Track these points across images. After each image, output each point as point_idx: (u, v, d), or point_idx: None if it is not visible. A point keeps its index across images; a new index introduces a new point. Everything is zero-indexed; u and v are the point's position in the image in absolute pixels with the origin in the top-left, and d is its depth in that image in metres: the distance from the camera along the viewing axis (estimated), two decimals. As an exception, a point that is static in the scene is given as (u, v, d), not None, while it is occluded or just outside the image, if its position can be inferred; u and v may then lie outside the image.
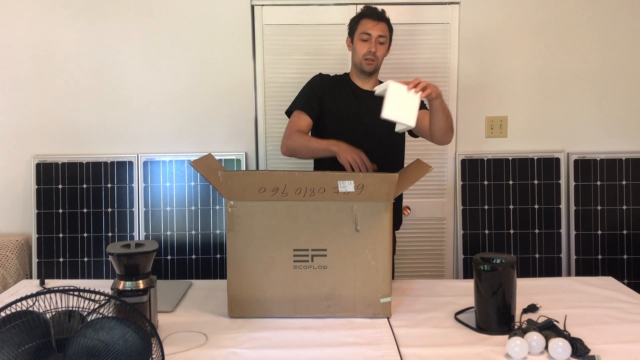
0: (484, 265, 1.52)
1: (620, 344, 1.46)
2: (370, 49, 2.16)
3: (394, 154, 2.29)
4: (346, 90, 2.25)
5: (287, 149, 2.12)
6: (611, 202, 2.97)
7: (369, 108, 2.20)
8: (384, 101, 1.80)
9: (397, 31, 2.95)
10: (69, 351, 1.08)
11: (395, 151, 2.29)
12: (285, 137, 2.14)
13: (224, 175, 1.58)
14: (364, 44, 2.17)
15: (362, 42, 2.18)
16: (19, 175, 2.99)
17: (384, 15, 2.22)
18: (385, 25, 2.21)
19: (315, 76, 2.30)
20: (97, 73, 2.95)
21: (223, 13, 2.93)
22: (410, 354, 1.42)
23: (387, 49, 2.24)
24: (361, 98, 2.23)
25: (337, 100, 2.22)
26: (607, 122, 3.05)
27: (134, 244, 1.53)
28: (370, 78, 2.25)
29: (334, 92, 2.23)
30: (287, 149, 2.12)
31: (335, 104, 2.21)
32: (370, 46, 2.16)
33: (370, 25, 2.17)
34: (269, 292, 1.64)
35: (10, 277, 2.75)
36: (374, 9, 2.22)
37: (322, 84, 2.25)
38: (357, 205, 1.61)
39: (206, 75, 2.97)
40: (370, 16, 2.19)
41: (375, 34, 2.17)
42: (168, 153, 2.97)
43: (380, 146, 2.20)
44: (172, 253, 2.93)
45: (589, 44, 3.00)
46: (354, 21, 2.25)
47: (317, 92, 2.23)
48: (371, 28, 2.17)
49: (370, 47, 2.16)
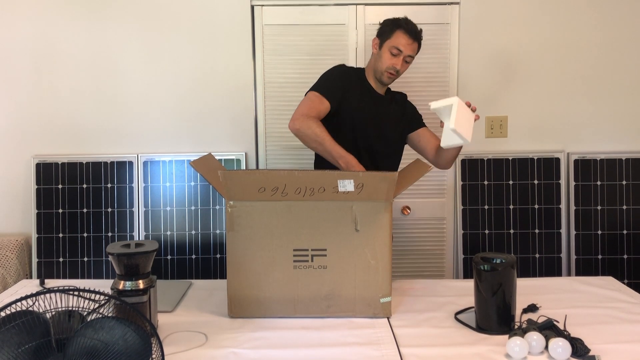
0: (484, 265, 1.52)
1: (620, 344, 1.46)
2: (396, 65, 2.13)
3: (396, 160, 2.30)
4: (364, 90, 2.21)
5: (299, 131, 1.98)
6: (611, 202, 2.97)
7: (384, 112, 2.21)
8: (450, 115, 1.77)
9: (397, 31, 2.95)
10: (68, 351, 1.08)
11: (397, 158, 2.30)
12: (302, 118, 1.99)
13: (223, 174, 1.58)
14: (392, 57, 2.13)
15: (391, 55, 2.13)
16: (19, 175, 2.99)
17: (420, 35, 2.18)
18: (417, 45, 2.18)
19: (340, 66, 2.24)
20: (97, 73, 2.95)
21: (223, 13, 2.93)
22: (410, 354, 1.42)
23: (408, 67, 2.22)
24: (378, 101, 2.22)
25: (357, 99, 2.17)
26: (607, 122, 3.05)
27: (134, 244, 1.53)
28: (384, 86, 2.25)
29: (356, 89, 2.19)
30: (299, 131, 1.98)
31: (355, 102, 2.17)
32: (397, 62, 2.13)
33: (405, 42, 2.13)
34: (269, 292, 1.64)
35: (10, 277, 2.75)
36: (413, 26, 2.16)
37: (348, 77, 2.19)
38: (357, 205, 1.61)
39: (206, 75, 2.97)
40: (408, 32, 2.14)
41: (406, 52, 2.13)
42: (168, 153, 2.97)
43: (388, 150, 2.22)
44: (172, 253, 2.93)
45: (589, 44, 3.00)
46: (389, 28, 2.17)
47: (342, 83, 2.16)
48: (404, 45, 2.13)
49: (396, 64, 2.13)
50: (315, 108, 2.05)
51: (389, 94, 2.30)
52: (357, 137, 2.16)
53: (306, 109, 2.03)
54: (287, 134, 2.98)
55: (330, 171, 1.57)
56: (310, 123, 1.97)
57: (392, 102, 2.27)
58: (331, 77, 2.18)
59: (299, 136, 2.00)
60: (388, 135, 2.21)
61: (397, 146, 2.28)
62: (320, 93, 2.09)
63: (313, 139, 1.97)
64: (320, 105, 2.07)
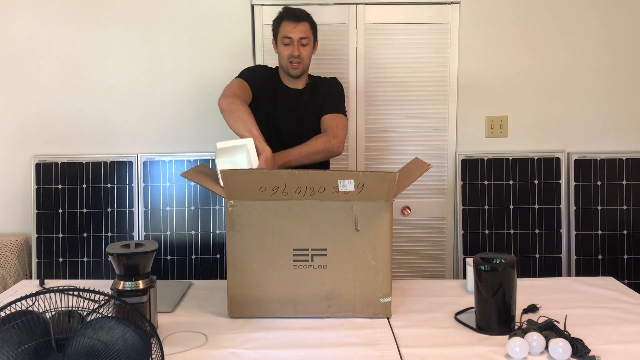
0: (484, 265, 1.52)
1: (620, 344, 1.46)
2: (293, 52, 2.14)
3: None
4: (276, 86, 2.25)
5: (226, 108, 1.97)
6: (611, 202, 2.97)
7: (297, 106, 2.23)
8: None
9: (397, 31, 2.95)
10: (68, 351, 1.08)
11: None
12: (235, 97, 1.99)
13: (224, 173, 1.57)
14: (286, 47, 2.16)
15: (284, 46, 2.16)
16: (19, 175, 2.99)
17: (303, 14, 2.19)
18: (307, 24, 2.18)
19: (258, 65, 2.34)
20: (97, 73, 2.95)
21: (223, 13, 2.93)
22: (410, 354, 1.42)
23: (312, 47, 2.22)
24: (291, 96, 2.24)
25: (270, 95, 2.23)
26: (607, 122, 3.05)
27: (134, 244, 1.53)
28: (298, 79, 2.25)
29: (271, 85, 2.24)
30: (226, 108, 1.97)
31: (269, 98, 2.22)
32: (293, 50, 2.15)
33: (290, 28, 2.15)
34: (269, 292, 1.64)
35: (10, 277, 2.75)
36: (292, 10, 2.18)
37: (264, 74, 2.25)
38: (357, 205, 1.61)
39: (206, 75, 2.96)
40: (289, 18, 2.16)
41: (296, 36, 2.15)
42: (168, 153, 2.97)
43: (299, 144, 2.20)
44: (172, 253, 2.92)
45: (589, 44, 3.00)
46: (275, 24, 2.23)
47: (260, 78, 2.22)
48: (291, 31, 2.15)
49: (293, 51, 2.14)
50: (245, 93, 2.10)
51: (311, 84, 2.29)
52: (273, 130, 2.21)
53: (238, 90, 2.06)
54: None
55: (331, 171, 1.57)
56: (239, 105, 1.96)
57: (310, 94, 2.26)
58: (254, 70, 2.25)
59: (228, 113, 1.96)
60: (304, 127, 2.21)
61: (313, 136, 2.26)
62: (247, 82, 2.15)
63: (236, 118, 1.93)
64: (248, 93, 2.12)
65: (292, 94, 2.25)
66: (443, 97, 3.00)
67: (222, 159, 1.75)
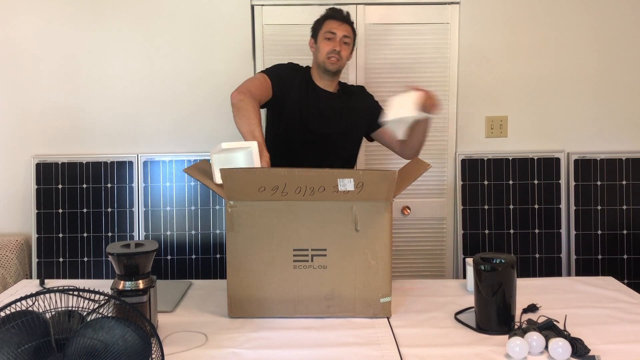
0: (484, 265, 1.52)
1: (620, 344, 1.46)
2: (335, 48, 2.16)
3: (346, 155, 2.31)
4: (309, 87, 2.23)
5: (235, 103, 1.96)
6: (611, 202, 2.97)
7: (330, 109, 2.22)
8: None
9: (397, 31, 2.95)
10: (68, 351, 1.08)
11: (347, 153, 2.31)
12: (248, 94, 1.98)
13: (224, 173, 1.57)
14: (328, 42, 2.17)
15: (326, 40, 2.18)
16: (19, 175, 2.99)
17: (349, 17, 2.23)
18: (350, 27, 2.21)
19: (290, 64, 2.28)
20: (97, 73, 2.95)
21: (223, 13, 2.93)
22: (410, 354, 1.42)
23: (351, 51, 2.24)
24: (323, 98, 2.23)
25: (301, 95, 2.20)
26: (607, 122, 3.05)
27: (134, 244, 1.53)
28: (332, 79, 2.24)
29: (302, 85, 2.22)
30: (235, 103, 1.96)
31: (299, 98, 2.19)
32: (335, 45, 2.16)
33: (335, 25, 2.18)
34: (269, 292, 1.64)
35: (10, 277, 2.75)
36: (339, 10, 2.22)
37: (295, 74, 2.23)
38: (357, 205, 1.61)
39: (206, 75, 2.97)
40: (335, 17, 2.20)
41: (340, 33, 2.17)
42: (168, 153, 2.97)
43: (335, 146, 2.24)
44: (172, 253, 2.93)
45: (589, 44, 3.00)
46: (318, 22, 2.25)
47: (289, 76, 2.20)
48: (336, 28, 2.18)
49: (335, 46, 2.16)
50: (261, 90, 2.08)
51: (343, 90, 2.30)
52: (299, 131, 2.19)
53: (254, 88, 2.05)
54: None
55: (330, 170, 1.57)
56: (252, 106, 1.94)
57: (343, 98, 2.27)
58: (282, 68, 2.23)
59: (236, 109, 1.96)
60: (333, 130, 2.22)
61: (345, 142, 2.28)
62: (270, 79, 2.14)
63: (240, 116, 1.92)
64: (265, 90, 2.11)
65: (325, 95, 2.24)
66: (443, 97, 3.00)
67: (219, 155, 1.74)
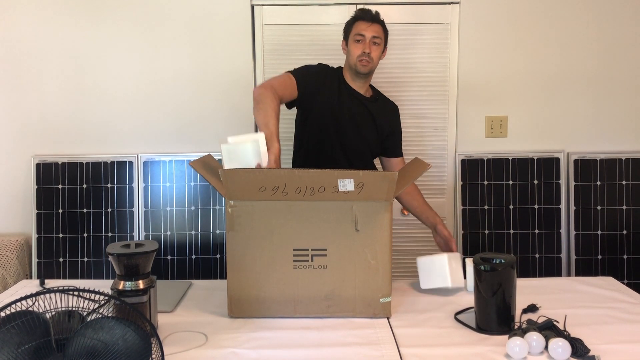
0: (483, 265, 1.52)
1: (620, 344, 1.46)
2: (365, 50, 2.15)
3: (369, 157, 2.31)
4: (341, 87, 2.22)
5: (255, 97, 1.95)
6: (611, 202, 2.97)
7: (362, 111, 2.22)
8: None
9: (397, 31, 2.95)
10: (68, 351, 1.08)
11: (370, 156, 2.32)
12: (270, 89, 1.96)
13: (224, 173, 1.58)
14: (358, 45, 2.16)
15: (356, 43, 2.17)
16: (19, 175, 2.99)
17: (378, 17, 2.22)
18: (380, 26, 2.20)
19: (320, 64, 2.27)
20: (97, 73, 2.95)
21: (223, 13, 2.93)
22: (410, 354, 1.42)
23: (382, 50, 2.23)
24: (355, 99, 2.22)
25: (332, 94, 2.19)
26: (607, 122, 3.05)
27: (134, 244, 1.53)
28: (364, 81, 2.24)
29: (333, 85, 2.21)
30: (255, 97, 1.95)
31: (330, 97, 2.18)
32: (365, 47, 2.15)
33: (364, 26, 2.17)
34: (269, 292, 1.64)
35: (10, 277, 2.75)
36: (367, 11, 2.21)
37: (325, 74, 2.22)
38: (357, 205, 1.61)
39: (206, 75, 2.97)
40: (364, 18, 2.19)
41: (369, 35, 2.16)
42: (168, 153, 2.97)
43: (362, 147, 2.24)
44: (172, 253, 2.93)
45: (589, 44, 3.00)
46: (349, 24, 2.24)
47: (317, 79, 2.19)
48: (365, 29, 2.17)
49: (365, 48, 2.15)
50: (284, 87, 2.07)
51: (376, 96, 2.30)
52: (330, 131, 2.18)
53: (277, 85, 2.04)
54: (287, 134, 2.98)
55: (330, 170, 1.57)
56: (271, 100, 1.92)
57: (375, 104, 2.27)
58: (310, 69, 2.21)
59: (256, 102, 1.95)
60: (362, 132, 2.22)
61: (369, 146, 2.28)
62: (296, 79, 2.12)
63: (262, 113, 1.90)
64: (289, 88, 2.10)
65: (358, 96, 2.23)
66: (443, 97, 3.00)
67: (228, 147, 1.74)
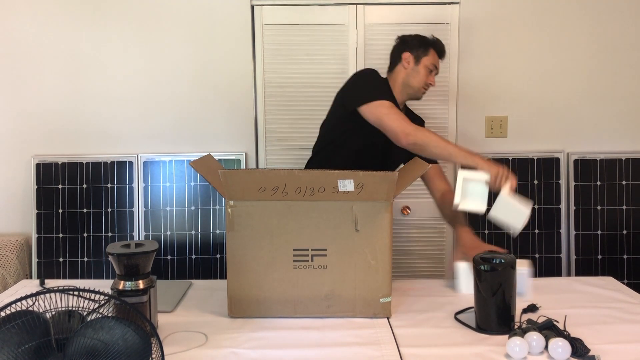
0: (483, 265, 1.52)
1: (620, 344, 1.46)
2: (432, 83, 2.23)
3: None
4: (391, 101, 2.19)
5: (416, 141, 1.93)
6: (611, 202, 2.97)
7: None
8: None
9: (397, 31, 2.94)
10: (68, 351, 1.08)
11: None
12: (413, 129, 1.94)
13: (224, 173, 1.58)
14: (429, 75, 2.22)
15: (428, 72, 2.21)
16: (19, 175, 2.99)
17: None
18: None
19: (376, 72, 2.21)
20: (97, 73, 2.95)
21: (223, 13, 2.93)
22: (410, 354, 1.42)
23: None
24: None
25: None
26: (607, 122, 3.05)
27: (134, 244, 1.53)
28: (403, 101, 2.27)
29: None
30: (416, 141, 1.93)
31: None
32: (433, 80, 2.23)
33: (438, 60, 2.25)
34: (269, 292, 1.64)
35: (10, 277, 2.75)
36: (443, 47, 2.26)
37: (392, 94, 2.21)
38: (357, 205, 1.61)
39: (206, 75, 2.97)
40: (440, 54, 2.25)
41: (439, 69, 2.26)
42: (168, 153, 2.97)
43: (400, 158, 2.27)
44: (172, 253, 2.93)
45: (589, 44, 3.00)
46: (424, 46, 2.21)
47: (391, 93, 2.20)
48: (438, 64, 2.25)
49: (433, 81, 2.23)
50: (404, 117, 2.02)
51: (406, 112, 2.32)
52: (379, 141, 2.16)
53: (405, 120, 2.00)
54: (287, 134, 2.99)
55: (330, 171, 1.57)
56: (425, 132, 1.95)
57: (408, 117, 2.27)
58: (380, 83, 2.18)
59: (419, 148, 1.95)
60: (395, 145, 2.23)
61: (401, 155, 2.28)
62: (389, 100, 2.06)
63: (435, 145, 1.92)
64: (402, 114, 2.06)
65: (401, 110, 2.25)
66: (443, 98, 3.00)
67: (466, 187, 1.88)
